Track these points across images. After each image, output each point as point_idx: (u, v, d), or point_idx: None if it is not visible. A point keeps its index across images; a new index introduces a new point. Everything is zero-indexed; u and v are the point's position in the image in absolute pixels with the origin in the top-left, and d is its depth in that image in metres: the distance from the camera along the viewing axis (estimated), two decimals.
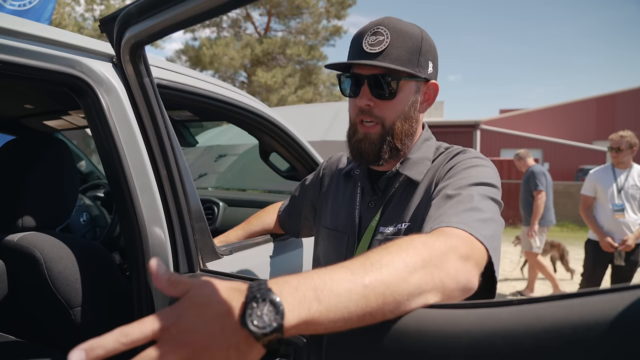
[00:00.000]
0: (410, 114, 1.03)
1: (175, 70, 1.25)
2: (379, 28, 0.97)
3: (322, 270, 0.57)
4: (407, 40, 0.97)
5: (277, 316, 0.49)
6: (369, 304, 0.54)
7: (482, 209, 0.80)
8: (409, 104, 1.02)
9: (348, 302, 0.53)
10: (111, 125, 1.04)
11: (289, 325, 0.50)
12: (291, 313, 0.50)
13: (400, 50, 0.96)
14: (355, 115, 1.03)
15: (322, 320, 0.52)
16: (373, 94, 0.99)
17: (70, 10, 16.38)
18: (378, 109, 1.00)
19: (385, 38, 0.96)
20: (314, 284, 0.53)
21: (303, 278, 0.55)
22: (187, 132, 2.12)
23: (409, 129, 1.04)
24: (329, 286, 0.54)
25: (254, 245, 1.42)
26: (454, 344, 0.52)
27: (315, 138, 4.04)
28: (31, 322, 1.25)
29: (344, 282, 0.55)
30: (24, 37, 0.93)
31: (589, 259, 3.77)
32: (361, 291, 0.54)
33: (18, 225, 1.13)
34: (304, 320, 0.51)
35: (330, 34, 19.73)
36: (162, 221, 1.04)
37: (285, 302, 0.50)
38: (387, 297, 0.55)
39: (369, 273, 0.56)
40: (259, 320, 0.49)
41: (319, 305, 0.52)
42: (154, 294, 1.04)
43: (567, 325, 0.45)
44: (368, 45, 0.97)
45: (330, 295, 0.53)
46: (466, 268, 0.65)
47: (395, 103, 1.00)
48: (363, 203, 1.11)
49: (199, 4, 0.74)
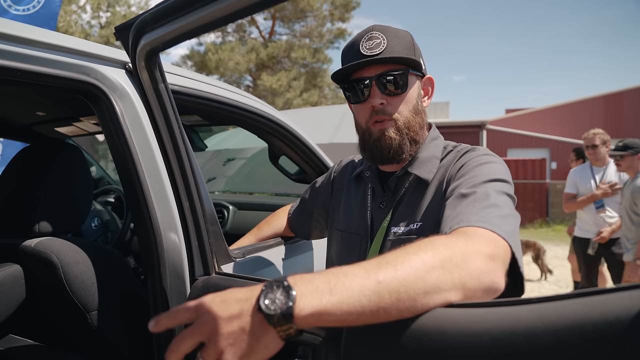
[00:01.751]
0: (418, 108, 1.06)
1: (184, 75, 1.27)
2: (373, 33, 1.01)
3: (338, 268, 0.60)
4: (401, 39, 1.02)
5: (289, 300, 0.55)
6: (383, 299, 0.56)
7: (500, 205, 0.80)
8: (415, 96, 1.06)
9: (361, 296, 0.55)
10: (125, 131, 1.05)
11: (301, 314, 0.54)
12: (303, 300, 0.55)
13: (400, 48, 1.00)
14: (368, 119, 1.04)
15: (335, 311, 0.55)
16: (383, 92, 1.01)
17: (77, 18, 16.54)
18: (390, 106, 1.02)
19: (382, 40, 1.00)
20: (327, 279, 0.57)
21: (318, 274, 0.59)
22: (197, 136, 2.13)
23: (421, 122, 1.07)
24: (342, 281, 0.56)
25: (266, 248, 1.43)
26: (474, 342, 0.52)
27: (322, 141, 4.05)
28: (49, 326, 1.26)
29: (357, 278, 0.57)
30: (39, 46, 0.94)
31: (579, 257, 3.85)
32: (374, 287, 0.56)
33: (35, 231, 1.15)
34: (317, 310, 0.54)
35: (335, 36, 19.76)
36: (177, 225, 1.05)
37: (297, 290, 0.55)
38: (401, 294, 0.56)
39: (384, 271, 0.58)
40: (272, 302, 0.55)
41: (331, 297, 0.55)
42: (169, 297, 1.05)
43: (589, 322, 0.45)
44: (367, 49, 1.00)
45: (343, 289, 0.56)
46: (491, 268, 0.64)
47: (406, 97, 1.03)
48: (374, 204, 1.11)
49: (213, 12, 0.75)
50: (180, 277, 1.04)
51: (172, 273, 1.04)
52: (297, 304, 0.54)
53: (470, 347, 0.52)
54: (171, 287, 1.04)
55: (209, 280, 1.03)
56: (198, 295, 1.00)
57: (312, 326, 0.56)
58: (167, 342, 1.04)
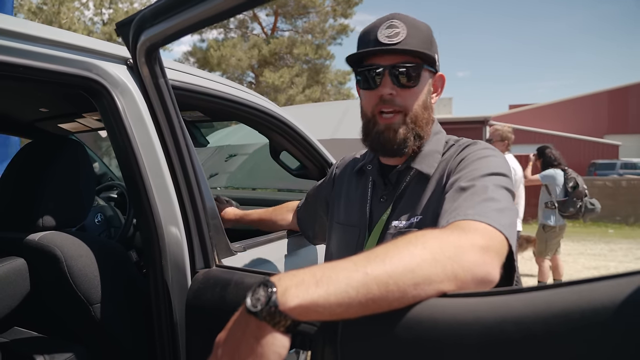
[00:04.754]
0: (427, 103, 1.06)
1: (185, 71, 1.28)
2: (394, 21, 1.00)
3: (326, 263, 0.61)
4: (420, 32, 1.01)
5: (270, 294, 0.56)
6: (371, 290, 0.56)
7: (498, 199, 0.81)
8: (426, 92, 1.05)
9: (348, 287, 0.56)
10: (127, 126, 1.06)
11: (288, 306, 0.55)
12: (288, 292, 0.56)
13: (417, 41, 0.99)
14: (375, 106, 1.04)
15: (323, 303, 0.55)
16: (395, 83, 1.01)
17: (79, 15, 16.56)
18: (400, 97, 1.02)
19: (402, 30, 0.99)
20: (313, 272, 0.58)
21: (305, 269, 0.60)
22: (199, 132, 2.14)
23: (428, 117, 1.07)
24: (328, 274, 0.57)
25: (268, 242, 1.44)
26: (466, 330, 0.53)
27: (324, 136, 4.05)
28: (53, 318, 1.28)
29: (345, 270, 0.58)
30: (41, 42, 0.95)
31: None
32: (362, 278, 0.56)
33: (39, 225, 1.16)
34: (305, 302, 0.55)
35: (337, 32, 19.69)
36: (179, 219, 1.07)
37: (279, 285, 0.57)
38: (390, 285, 0.57)
39: (372, 263, 0.58)
40: (256, 300, 0.57)
41: (317, 289, 0.56)
42: (170, 290, 1.07)
43: (576, 310, 0.46)
44: (385, 37, 0.99)
45: (329, 281, 0.56)
46: (485, 260, 0.65)
47: (417, 91, 1.02)
48: (375, 197, 1.12)
49: (212, 7, 0.76)
50: (181, 270, 1.06)
51: (174, 266, 1.06)
52: (281, 297, 0.56)
53: (463, 336, 0.53)
54: (172, 280, 1.06)
55: (209, 272, 1.05)
56: (198, 288, 1.02)
57: (307, 319, 0.57)
58: (169, 334, 1.06)
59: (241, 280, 0.94)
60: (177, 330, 1.05)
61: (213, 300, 0.96)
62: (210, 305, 0.96)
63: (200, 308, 1.00)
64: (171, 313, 1.05)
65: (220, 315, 0.79)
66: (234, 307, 0.63)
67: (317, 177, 1.80)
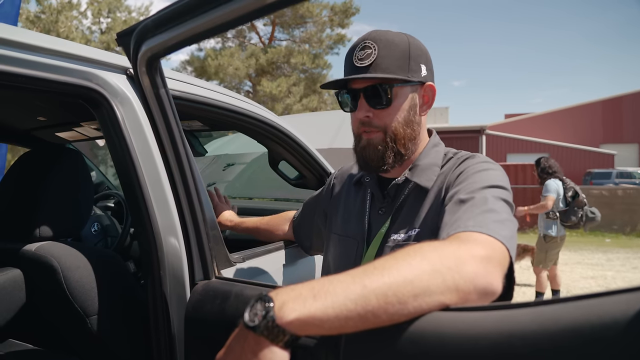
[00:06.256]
0: (410, 119, 1.04)
1: (184, 81, 1.28)
2: (366, 42, 1.01)
3: (324, 277, 0.61)
4: (394, 49, 1.00)
5: (267, 308, 0.56)
6: (369, 302, 0.56)
7: (498, 210, 0.80)
8: (407, 108, 1.04)
9: (346, 300, 0.56)
10: (126, 136, 1.06)
11: (286, 319, 0.55)
12: (285, 306, 0.56)
13: (389, 59, 0.99)
14: (357, 128, 1.07)
15: (321, 316, 0.55)
16: (370, 105, 1.02)
17: (77, 24, 16.61)
18: (377, 118, 1.03)
19: (373, 50, 0.99)
20: (311, 286, 0.58)
21: (303, 283, 0.60)
22: (197, 141, 2.14)
23: (412, 133, 1.06)
24: (326, 287, 0.57)
25: (266, 252, 1.43)
26: (472, 346, 0.52)
27: (322, 146, 4.05)
28: (49, 330, 1.26)
29: (342, 283, 0.57)
30: (40, 51, 0.95)
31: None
32: (360, 291, 0.56)
33: (35, 235, 1.15)
34: (303, 316, 0.55)
35: (334, 42, 19.80)
36: (178, 230, 1.06)
37: (277, 299, 0.57)
38: (389, 297, 0.56)
39: (370, 276, 0.58)
40: (253, 315, 0.57)
41: (315, 302, 0.56)
42: (169, 302, 1.05)
43: (586, 325, 0.45)
44: (357, 60, 1.01)
45: (327, 294, 0.56)
46: (487, 270, 0.64)
47: (393, 110, 1.02)
48: (373, 210, 1.12)
49: (214, 18, 0.76)
50: (180, 281, 1.05)
51: (172, 277, 1.05)
52: (278, 311, 0.56)
53: (469, 351, 0.53)
54: (171, 292, 1.04)
55: (208, 284, 1.04)
56: (198, 300, 1.01)
57: (306, 333, 0.56)
58: (167, 346, 1.04)
59: (241, 292, 0.93)
60: (175, 343, 1.03)
61: (213, 313, 0.95)
62: (211, 318, 0.95)
63: (200, 320, 0.98)
64: (169, 325, 1.04)
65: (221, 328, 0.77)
66: (234, 319, 0.62)
67: (316, 187, 1.80)
